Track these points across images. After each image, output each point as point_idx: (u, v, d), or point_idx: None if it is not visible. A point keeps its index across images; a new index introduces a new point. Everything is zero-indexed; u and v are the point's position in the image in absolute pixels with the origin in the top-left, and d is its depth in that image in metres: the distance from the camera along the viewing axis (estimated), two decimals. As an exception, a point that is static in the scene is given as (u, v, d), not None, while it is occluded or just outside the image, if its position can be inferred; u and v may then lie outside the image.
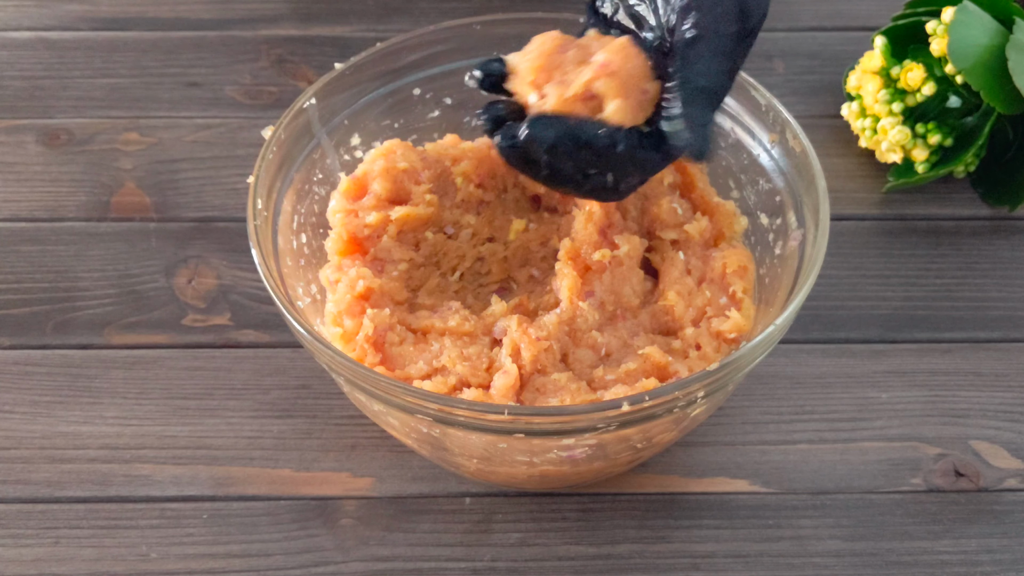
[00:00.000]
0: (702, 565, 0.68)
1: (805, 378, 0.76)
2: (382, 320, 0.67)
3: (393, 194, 0.71)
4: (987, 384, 0.76)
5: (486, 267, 0.73)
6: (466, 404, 0.61)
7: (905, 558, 0.68)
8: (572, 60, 0.66)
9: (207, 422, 0.74)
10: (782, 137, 0.72)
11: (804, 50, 0.95)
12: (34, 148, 0.89)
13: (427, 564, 0.68)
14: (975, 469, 0.72)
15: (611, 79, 0.64)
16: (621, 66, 0.64)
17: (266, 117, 0.90)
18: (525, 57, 0.66)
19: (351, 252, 0.70)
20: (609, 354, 0.67)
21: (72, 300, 0.80)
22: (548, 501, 0.71)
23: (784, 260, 0.70)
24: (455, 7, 0.98)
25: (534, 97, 0.66)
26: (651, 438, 0.65)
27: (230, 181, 0.86)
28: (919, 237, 0.83)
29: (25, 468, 0.72)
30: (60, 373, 0.76)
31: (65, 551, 0.69)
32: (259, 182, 0.69)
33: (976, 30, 0.80)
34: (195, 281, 0.81)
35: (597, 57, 0.65)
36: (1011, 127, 0.85)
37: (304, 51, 0.95)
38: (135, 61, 0.94)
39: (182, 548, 0.69)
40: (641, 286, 0.70)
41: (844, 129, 0.89)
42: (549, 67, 0.66)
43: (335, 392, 0.75)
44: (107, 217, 0.84)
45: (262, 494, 0.71)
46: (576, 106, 0.65)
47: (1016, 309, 0.79)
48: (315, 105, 0.73)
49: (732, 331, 0.67)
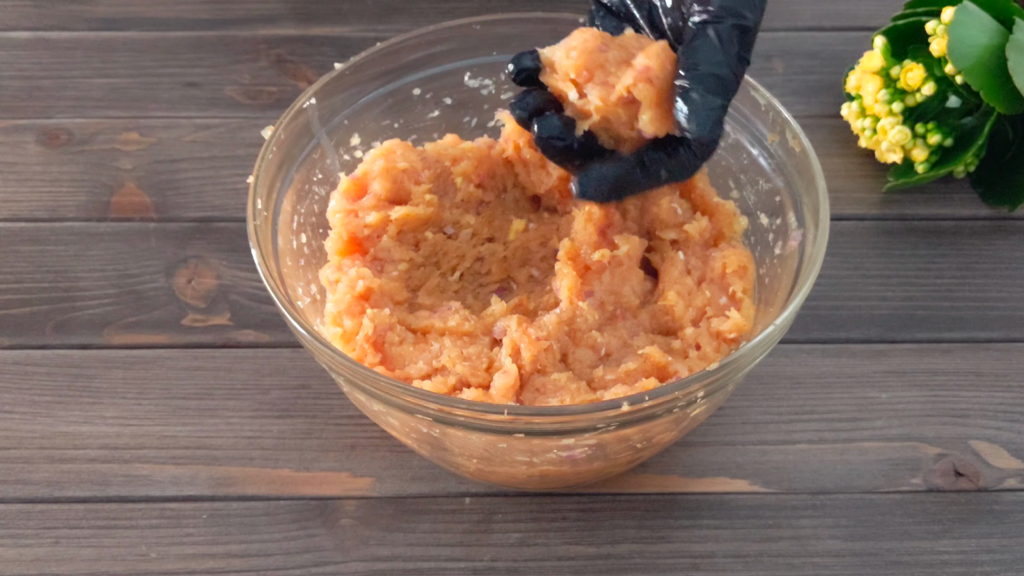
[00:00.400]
0: (702, 565, 0.68)
1: (805, 378, 0.76)
2: (382, 320, 0.67)
3: (393, 194, 0.71)
4: (987, 384, 0.76)
5: (486, 267, 0.73)
6: (466, 404, 0.60)
7: (905, 558, 0.68)
8: (613, 61, 0.66)
9: (207, 422, 0.74)
10: (782, 137, 0.72)
11: (804, 50, 0.95)
12: (34, 148, 0.89)
13: (427, 564, 0.68)
14: (975, 469, 0.72)
15: (648, 86, 0.65)
16: (658, 73, 0.65)
17: (266, 117, 0.90)
18: (567, 54, 0.67)
19: (351, 252, 0.70)
20: (609, 354, 0.67)
21: (72, 300, 0.80)
22: (548, 501, 0.71)
23: (784, 260, 0.70)
24: (455, 7, 0.98)
25: (574, 94, 0.66)
26: (651, 438, 0.65)
27: (230, 181, 0.86)
28: (919, 237, 0.83)
29: (25, 468, 0.72)
30: (60, 373, 0.76)
31: (65, 551, 0.69)
32: (259, 182, 0.69)
33: (976, 30, 0.80)
34: (195, 281, 0.81)
35: (638, 61, 0.65)
36: (1011, 127, 0.85)
37: (304, 51, 0.95)
38: (134, 61, 0.94)
39: (182, 548, 0.69)
40: (641, 286, 0.70)
41: (844, 129, 0.89)
42: (591, 66, 0.66)
43: (335, 392, 0.75)
44: (107, 217, 0.84)
45: (262, 494, 0.71)
46: (617, 110, 0.66)
47: (1016, 309, 0.79)
48: (315, 105, 0.73)
49: (732, 331, 0.67)
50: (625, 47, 0.67)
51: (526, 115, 0.68)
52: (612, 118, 0.67)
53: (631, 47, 0.67)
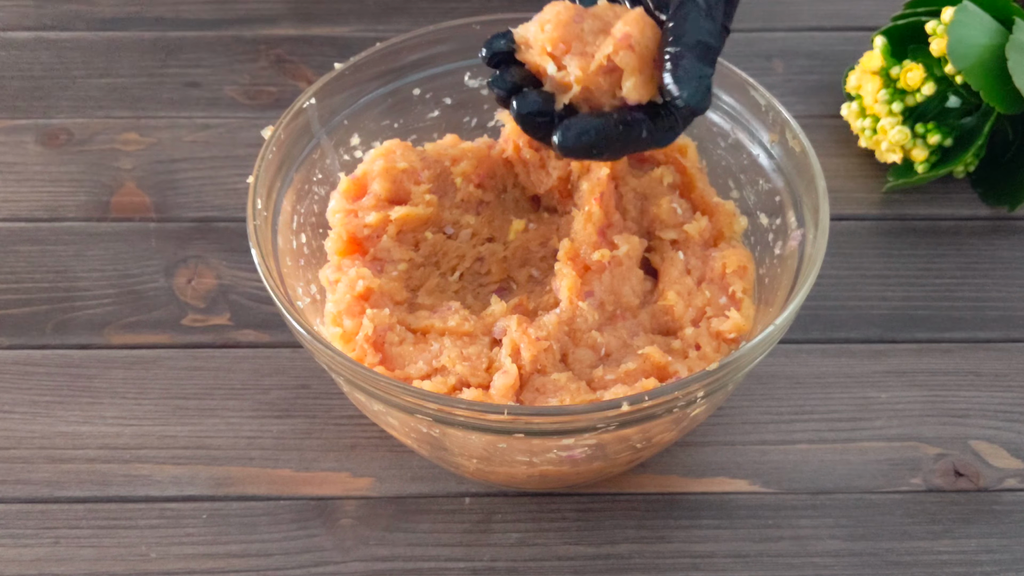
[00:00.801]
0: (702, 565, 0.68)
1: (805, 378, 0.76)
2: (382, 320, 0.67)
3: (393, 194, 0.71)
4: (987, 384, 0.76)
5: (486, 267, 0.73)
6: (466, 404, 0.60)
7: (905, 558, 0.68)
8: (589, 31, 0.65)
9: (207, 422, 0.74)
10: (782, 137, 0.72)
11: (804, 50, 0.95)
12: (34, 148, 0.89)
13: (427, 564, 0.68)
14: (975, 469, 0.72)
15: (630, 53, 0.64)
16: (639, 39, 0.64)
17: (266, 117, 0.90)
18: (541, 28, 0.66)
19: (351, 252, 0.70)
20: (609, 354, 0.67)
21: (72, 300, 0.80)
22: (548, 501, 0.71)
23: (784, 260, 0.70)
24: (455, 7, 0.98)
25: (553, 68, 0.65)
26: (651, 438, 0.65)
27: (230, 181, 0.86)
28: (919, 237, 0.83)
29: (25, 468, 0.72)
30: (60, 373, 0.76)
31: (65, 551, 0.69)
32: (259, 182, 0.69)
33: (976, 30, 0.80)
34: (195, 281, 0.81)
35: (617, 29, 0.64)
36: (1011, 127, 0.85)
37: (303, 51, 0.95)
38: (135, 61, 0.94)
39: (182, 548, 0.69)
40: (641, 286, 0.70)
41: (844, 129, 0.89)
42: (568, 38, 0.65)
43: (335, 392, 0.75)
44: (107, 217, 0.84)
45: (262, 494, 0.71)
46: (598, 79, 0.65)
47: (1016, 309, 0.79)
48: (315, 105, 0.73)
49: (732, 331, 0.67)
50: (600, 17, 0.66)
51: (505, 92, 0.66)
52: (593, 88, 0.65)
53: (606, 16, 0.66)
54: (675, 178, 0.73)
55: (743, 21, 0.96)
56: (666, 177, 0.73)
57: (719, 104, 0.74)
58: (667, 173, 0.73)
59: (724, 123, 0.74)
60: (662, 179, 0.73)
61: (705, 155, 0.75)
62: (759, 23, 0.97)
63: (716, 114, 0.75)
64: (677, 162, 0.74)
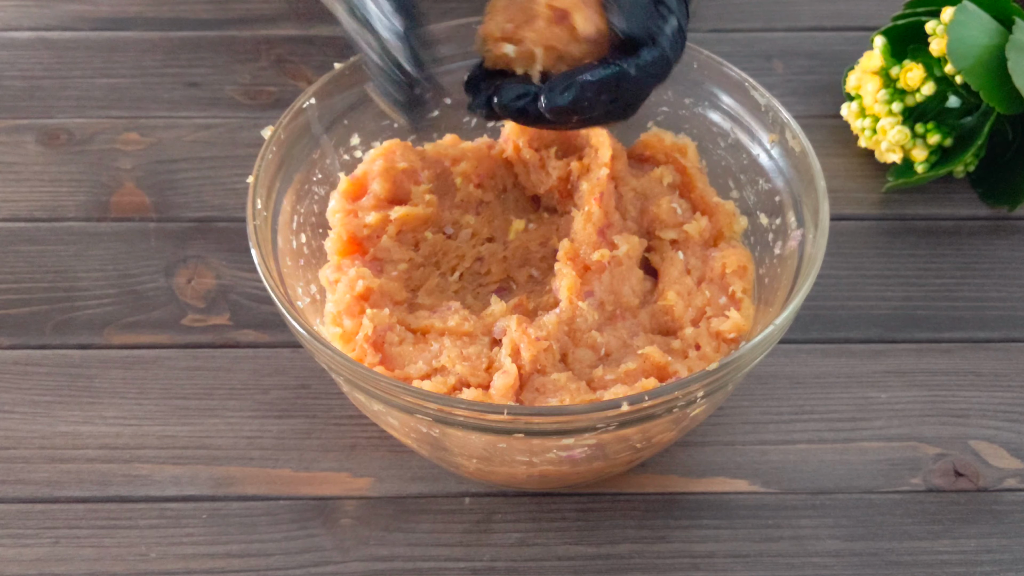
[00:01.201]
0: (702, 565, 0.68)
1: (805, 378, 0.76)
2: (381, 320, 0.67)
3: (392, 194, 0.71)
4: (987, 384, 0.76)
5: (486, 267, 0.73)
6: (466, 404, 0.61)
7: (905, 558, 0.69)
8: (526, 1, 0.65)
9: (207, 422, 0.74)
10: (782, 137, 0.72)
11: (803, 50, 0.95)
12: (34, 148, 0.89)
13: (426, 564, 0.68)
14: (975, 469, 0.72)
15: None
16: None
17: (266, 117, 0.90)
18: (487, 23, 0.65)
19: (351, 252, 0.71)
20: (608, 354, 0.67)
21: (72, 300, 0.80)
22: (548, 501, 0.71)
23: (784, 260, 0.70)
24: (455, 7, 0.98)
25: (511, 48, 0.65)
26: (651, 438, 0.65)
27: (230, 181, 0.86)
28: (919, 237, 0.83)
29: (25, 468, 0.72)
30: (60, 373, 0.76)
31: (65, 551, 0.69)
32: (258, 182, 0.69)
33: (975, 30, 0.80)
34: (195, 281, 0.81)
35: None
36: (1011, 127, 0.85)
37: (304, 51, 0.95)
38: (135, 61, 0.94)
39: (182, 548, 0.69)
40: (640, 286, 0.70)
41: (844, 129, 0.89)
42: (511, 16, 0.65)
43: (335, 392, 0.75)
44: (107, 217, 0.84)
45: (261, 494, 0.71)
46: (554, 33, 0.64)
47: (1016, 309, 0.79)
48: (315, 105, 0.73)
49: (732, 331, 0.67)
50: None
51: (484, 104, 0.65)
52: (556, 43, 0.64)
53: None
54: (675, 178, 0.73)
55: (743, 21, 0.96)
56: (666, 177, 0.73)
57: (719, 104, 0.74)
58: (667, 173, 0.73)
59: (724, 123, 0.74)
60: (662, 179, 0.73)
61: (705, 155, 0.75)
62: (759, 23, 0.97)
63: (716, 114, 0.75)
64: (677, 162, 0.74)
